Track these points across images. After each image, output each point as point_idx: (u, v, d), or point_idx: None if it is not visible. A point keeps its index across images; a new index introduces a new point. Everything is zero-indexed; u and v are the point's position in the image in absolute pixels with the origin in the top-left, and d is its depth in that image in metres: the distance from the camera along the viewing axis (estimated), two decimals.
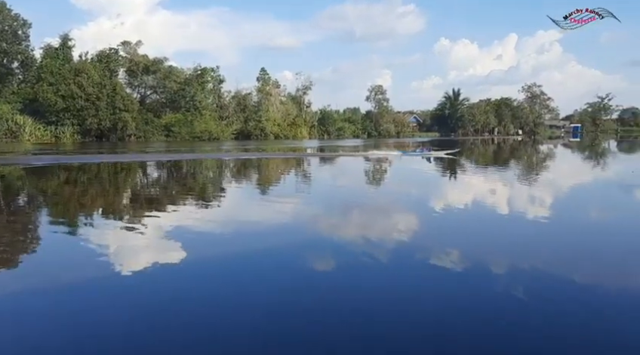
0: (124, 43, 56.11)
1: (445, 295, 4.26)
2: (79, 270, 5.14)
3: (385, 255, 5.59)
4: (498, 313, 3.86)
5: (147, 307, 4.09)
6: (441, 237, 6.67)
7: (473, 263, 5.27)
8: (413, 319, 3.76)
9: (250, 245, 6.19)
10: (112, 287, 4.60)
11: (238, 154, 29.39)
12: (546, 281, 4.70)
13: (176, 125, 54.66)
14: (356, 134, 75.27)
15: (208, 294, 4.39)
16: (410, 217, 8.36)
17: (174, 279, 4.82)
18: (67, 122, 46.69)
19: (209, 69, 60.10)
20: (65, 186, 13.66)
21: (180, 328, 3.58)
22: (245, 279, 4.86)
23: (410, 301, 4.12)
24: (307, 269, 5.19)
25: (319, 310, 3.92)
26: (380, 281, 4.65)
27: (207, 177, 17.19)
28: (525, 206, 9.52)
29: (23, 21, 49.60)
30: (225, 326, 3.67)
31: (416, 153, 28.17)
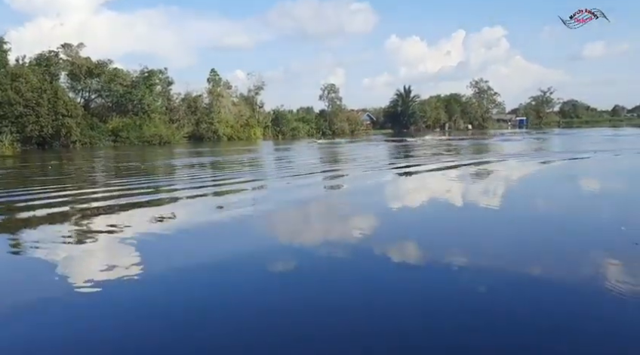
0: (64, 45, 53.66)
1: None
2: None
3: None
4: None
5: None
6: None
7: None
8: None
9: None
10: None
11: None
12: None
13: (124, 130, 52.94)
14: (310, 133, 75.35)
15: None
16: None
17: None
18: (5, 130, 44.18)
19: (157, 71, 58.51)
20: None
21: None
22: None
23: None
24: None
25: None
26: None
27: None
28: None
29: None
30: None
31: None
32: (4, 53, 48.34)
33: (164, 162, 25.66)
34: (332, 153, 30.38)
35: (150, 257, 5.85)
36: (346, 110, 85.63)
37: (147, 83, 56.62)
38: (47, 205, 9.98)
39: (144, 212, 9.10)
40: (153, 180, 15.53)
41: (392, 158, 24.48)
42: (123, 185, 13.76)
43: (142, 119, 54.66)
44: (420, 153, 26.66)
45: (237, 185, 13.37)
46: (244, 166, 21.42)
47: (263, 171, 18.96)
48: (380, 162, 21.29)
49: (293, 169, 18.58)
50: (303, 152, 32.54)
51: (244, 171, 18.75)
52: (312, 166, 20.28)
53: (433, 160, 20.58)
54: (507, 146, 32.46)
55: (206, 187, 13.00)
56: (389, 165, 19.89)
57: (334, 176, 15.90)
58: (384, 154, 27.99)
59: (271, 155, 30.23)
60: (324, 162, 23.07)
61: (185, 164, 23.91)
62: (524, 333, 3.57)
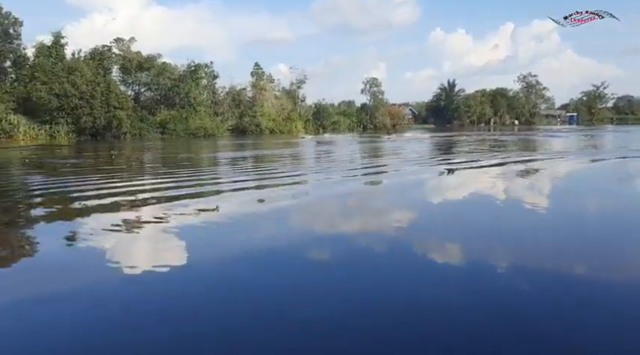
0: (117, 40, 55.80)
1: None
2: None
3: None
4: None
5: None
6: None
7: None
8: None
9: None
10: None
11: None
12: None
13: (171, 122, 54.64)
14: (351, 127, 75.20)
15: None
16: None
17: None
18: (61, 121, 46.59)
19: (203, 65, 59.90)
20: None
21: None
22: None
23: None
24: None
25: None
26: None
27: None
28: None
29: (14, 19, 49.27)
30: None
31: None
32: (61, 47, 50.82)
33: (215, 155, 26.41)
34: (374, 148, 30.33)
35: (192, 246, 6.18)
36: (388, 104, 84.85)
37: (193, 77, 58.11)
38: (114, 194, 10.59)
39: (194, 203, 9.47)
40: (205, 172, 16.10)
41: (434, 155, 24.21)
42: (174, 176, 14.35)
43: (188, 112, 56.22)
44: (463, 149, 26.22)
45: (283, 179, 13.66)
46: (289, 159, 21.77)
47: (306, 164, 19.21)
48: (425, 159, 21.11)
49: (337, 163, 18.72)
50: (345, 146, 32.64)
51: (289, 164, 19.08)
52: (353, 161, 20.37)
53: (478, 157, 20.23)
54: (555, 142, 31.41)
55: (255, 180, 13.36)
56: (434, 162, 19.70)
57: (376, 172, 15.91)
58: (426, 150, 27.69)
59: (313, 149, 30.51)
60: (366, 156, 23.12)
61: (232, 157, 24.53)
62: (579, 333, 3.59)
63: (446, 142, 35.00)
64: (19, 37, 49.80)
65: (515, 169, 15.66)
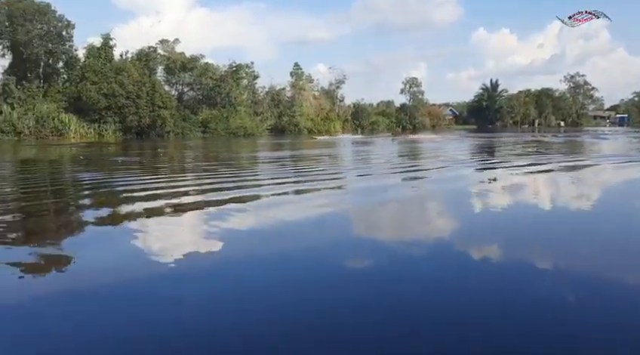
0: (162, 41, 57.43)
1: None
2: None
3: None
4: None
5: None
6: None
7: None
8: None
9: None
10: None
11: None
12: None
13: (212, 122, 55.76)
14: (390, 127, 74.53)
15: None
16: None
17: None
18: (109, 120, 48.33)
19: (244, 66, 60.87)
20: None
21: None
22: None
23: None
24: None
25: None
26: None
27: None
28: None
29: (67, 22, 51.42)
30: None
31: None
32: (110, 49, 52.75)
33: (256, 154, 26.74)
34: (414, 148, 29.89)
35: (230, 244, 6.24)
36: (428, 104, 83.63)
37: (234, 77, 59.10)
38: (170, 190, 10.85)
39: (236, 200, 9.50)
40: (247, 171, 16.28)
41: (475, 156, 23.60)
42: (218, 175, 14.57)
43: (228, 112, 57.22)
44: (505, 151, 25.46)
45: (320, 178, 13.61)
46: (328, 160, 21.74)
47: (345, 165, 19.11)
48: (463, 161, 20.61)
49: (375, 164, 18.53)
50: (385, 147, 32.32)
51: (328, 164, 19.04)
52: (392, 162, 20.11)
53: (523, 159, 19.58)
54: (604, 145, 30.07)
55: (293, 180, 13.38)
56: (472, 164, 19.20)
57: (415, 177, 15.60)
58: (468, 152, 27.04)
59: (351, 149, 30.36)
60: (406, 157, 22.79)
61: (273, 156, 24.74)
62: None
63: (480, 144, 34.04)
64: (71, 39, 51.99)
65: (567, 174, 15.04)
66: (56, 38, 50.23)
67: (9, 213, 8.51)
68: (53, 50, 50.41)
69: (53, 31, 49.93)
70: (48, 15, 49.55)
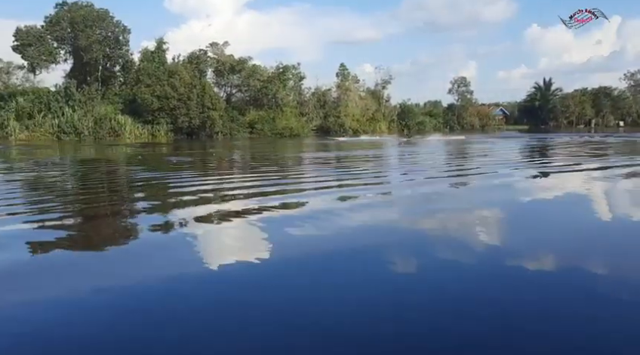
0: (212, 44, 58.89)
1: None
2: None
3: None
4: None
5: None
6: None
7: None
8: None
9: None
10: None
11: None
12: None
13: (259, 122, 56.63)
14: (437, 128, 73.11)
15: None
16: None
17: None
18: (162, 121, 50.07)
19: (290, 67, 61.45)
20: None
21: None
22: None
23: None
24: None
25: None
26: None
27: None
28: None
29: (123, 27, 53.80)
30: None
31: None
32: (163, 52, 54.71)
33: (304, 155, 26.90)
34: (461, 150, 29.12)
35: (274, 241, 6.24)
36: (477, 104, 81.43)
37: (281, 78, 59.78)
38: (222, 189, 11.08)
39: (286, 199, 9.52)
40: (297, 171, 16.37)
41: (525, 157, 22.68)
42: (270, 174, 14.72)
43: (275, 112, 57.96)
44: (560, 152, 24.34)
45: (364, 180, 13.47)
46: (373, 161, 21.53)
47: (390, 165, 18.85)
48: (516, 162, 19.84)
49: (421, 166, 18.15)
50: (433, 147, 31.69)
51: (373, 165, 18.86)
52: (439, 164, 19.64)
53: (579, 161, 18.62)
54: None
55: (341, 180, 13.30)
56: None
57: (458, 175, 15.14)
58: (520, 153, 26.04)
59: (398, 150, 29.96)
60: (452, 157, 22.21)
61: (320, 157, 24.79)
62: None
63: (524, 146, 32.62)
64: (127, 43, 54.38)
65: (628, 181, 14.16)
66: (114, 42, 52.62)
67: (83, 211, 8.91)
68: (111, 54, 52.86)
69: (111, 36, 52.34)
70: (107, 21, 52.00)
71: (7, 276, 4.95)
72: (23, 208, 8.98)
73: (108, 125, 47.89)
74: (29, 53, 50.00)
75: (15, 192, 11.39)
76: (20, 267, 5.22)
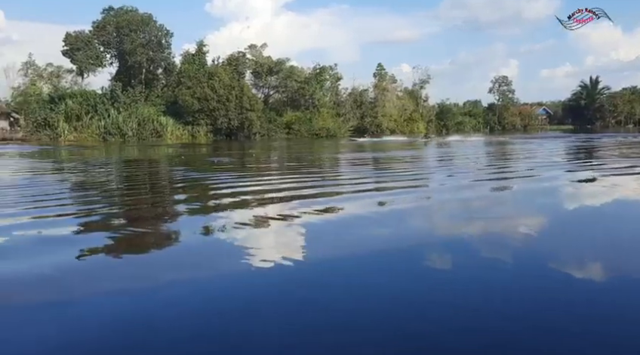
0: (250, 46, 59.73)
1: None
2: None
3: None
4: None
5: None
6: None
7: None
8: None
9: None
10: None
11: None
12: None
13: (296, 123, 57.03)
14: (477, 128, 71.57)
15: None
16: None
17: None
18: (202, 122, 51.18)
19: (327, 68, 61.57)
20: None
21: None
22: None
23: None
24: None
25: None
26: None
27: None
28: None
29: (166, 31, 55.32)
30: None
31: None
32: (203, 55, 55.91)
33: (342, 155, 26.85)
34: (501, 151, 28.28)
35: (313, 243, 6.20)
36: (519, 104, 79.18)
37: (318, 79, 60.00)
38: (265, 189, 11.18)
39: (325, 202, 9.45)
40: (335, 172, 16.34)
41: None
42: (312, 175, 14.74)
43: (312, 113, 58.21)
44: (611, 154, 23.23)
45: (404, 182, 13.23)
46: (409, 161, 21.22)
47: (429, 167, 18.51)
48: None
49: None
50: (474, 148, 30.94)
51: (410, 166, 18.57)
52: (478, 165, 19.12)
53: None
54: None
55: (381, 181, 13.14)
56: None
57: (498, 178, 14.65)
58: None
59: (434, 150, 29.42)
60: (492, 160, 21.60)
61: (358, 158, 24.67)
62: None
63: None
64: (169, 46, 55.90)
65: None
66: (157, 46, 54.18)
67: (139, 209, 9.18)
68: (154, 57, 54.43)
69: (154, 40, 53.91)
70: (150, 25, 53.63)
71: (73, 272, 5.13)
72: (74, 209, 9.32)
73: (151, 126, 49.34)
74: (77, 57, 52.15)
75: (66, 192, 11.84)
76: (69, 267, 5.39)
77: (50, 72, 57.79)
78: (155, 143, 44.07)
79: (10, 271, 5.06)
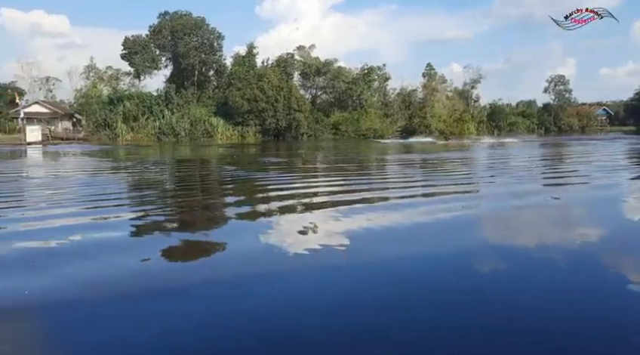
0: (299, 47, 60.29)
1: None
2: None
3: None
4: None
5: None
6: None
7: None
8: None
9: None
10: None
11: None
12: None
13: (343, 124, 57.00)
14: (531, 129, 68.89)
15: None
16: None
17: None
18: (250, 123, 52.15)
19: (375, 68, 61.17)
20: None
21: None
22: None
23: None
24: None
25: None
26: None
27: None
28: None
29: (217, 34, 56.82)
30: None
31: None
32: (253, 57, 56.99)
33: (391, 157, 26.58)
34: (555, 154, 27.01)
35: (359, 246, 6.09)
36: (576, 104, 75.48)
37: (366, 79, 59.72)
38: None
39: (371, 205, 9.33)
40: (384, 174, 16.17)
41: None
42: (367, 176, 14.66)
43: (359, 114, 58.01)
44: None
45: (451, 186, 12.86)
46: (460, 165, 20.65)
47: (479, 170, 17.92)
48: None
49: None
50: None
51: (461, 169, 18.05)
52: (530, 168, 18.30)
53: None
54: None
55: (428, 183, 12.83)
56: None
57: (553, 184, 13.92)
58: None
59: (485, 152, 28.50)
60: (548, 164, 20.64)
61: (409, 159, 24.33)
62: None
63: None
64: (220, 49, 57.39)
65: None
66: (209, 48, 55.73)
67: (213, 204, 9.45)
68: (206, 60, 56.02)
69: (207, 42, 55.49)
70: (203, 28, 55.26)
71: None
72: (133, 208, 9.66)
73: (202, 126, 50.81)
74: (135, 60, 54.49)
75: (128, 191, 12.33)
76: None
77: (109, 75, 60.70)
78: (206, 143, 45.34)
79: (87, 269, 5.28)
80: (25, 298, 4.26)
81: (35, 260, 5.39)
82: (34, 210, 8.71)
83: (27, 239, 6.38)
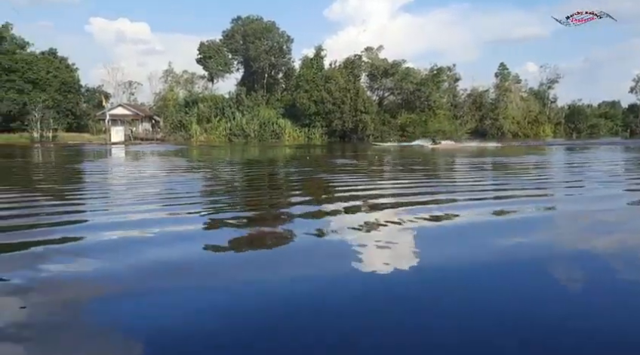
0: (367, 49, 60.12)
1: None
2: None
3: None
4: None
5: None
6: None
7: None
8: None
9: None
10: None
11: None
12: None
13: (410, 125, 56.12)
14: (615, 131, 64.19)
15: None
16: None
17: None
18: (317, 124, 52.81)
19: (445, 69, 59.67)
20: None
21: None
22: None
23: None
24: None
25: None
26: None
27: None
28: None
29: (287, 37, 58.13)
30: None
31: None
32: (321, 59, 57.57)
33: (468, 160, 25.81)
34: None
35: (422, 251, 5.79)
36: None
37: (435, 80, 58.41)
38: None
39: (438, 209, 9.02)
40: (455, 178, 15.68)
41: None
42: (425, 179, 14.32)
43: (427, 115, 56.84)
44: None
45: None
46: (535, 169, 19.54)
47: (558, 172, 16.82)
48: None
49: None
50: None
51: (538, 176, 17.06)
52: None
53: None
54: None
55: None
56: None
57: None
58: None
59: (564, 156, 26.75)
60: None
61: (476, 162, 23.47)
62: None
63: None
64: (290, 52, 58.68)
65: None
66: (278, 52, 57.12)
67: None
68: (276, 63, 57.52)
69: (276, 46, 56.91)
70: (273, 32, 56.73)
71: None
72: (205, 206, 10.06)
73: (270, 128, 52.18)
74: (209, 64, 56.99)
75: (206, 190, 12.87)
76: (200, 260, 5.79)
77: (185, 79, 63.96)
78: (274, 144, 46.41)
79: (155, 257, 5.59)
80: (115, 273, 4.68)
81: (123, 246, 5.85)
82: (119, 206, 9.34)
83: (116, 229, 6.91)
